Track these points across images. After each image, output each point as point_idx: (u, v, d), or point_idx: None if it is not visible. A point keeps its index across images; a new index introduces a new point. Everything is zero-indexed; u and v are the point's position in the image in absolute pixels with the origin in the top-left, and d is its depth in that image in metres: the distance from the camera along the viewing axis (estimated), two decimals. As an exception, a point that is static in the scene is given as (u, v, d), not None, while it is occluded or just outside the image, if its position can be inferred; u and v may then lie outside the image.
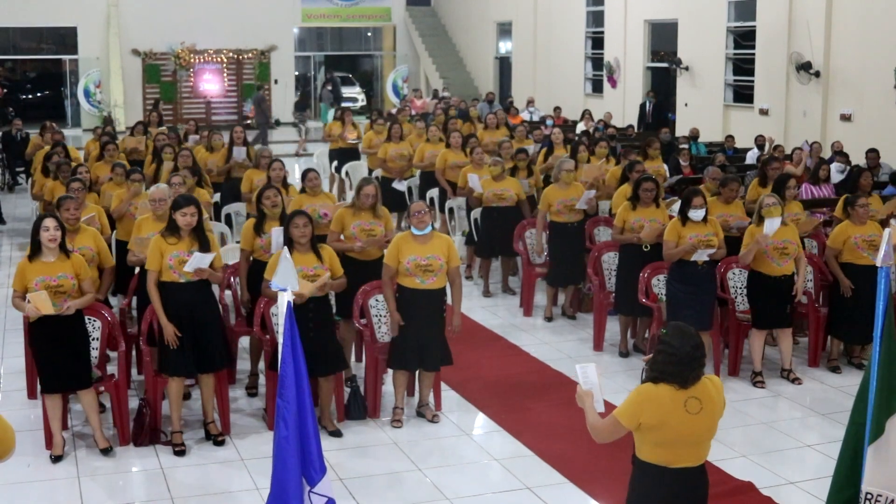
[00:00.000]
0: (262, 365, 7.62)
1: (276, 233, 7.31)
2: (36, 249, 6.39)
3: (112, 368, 7.08)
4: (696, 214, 7.75)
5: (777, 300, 7.94)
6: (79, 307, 6.44)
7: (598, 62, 24.03)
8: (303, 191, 8.74)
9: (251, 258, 7.58)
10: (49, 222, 6.37)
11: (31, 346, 6.58)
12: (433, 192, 12.58)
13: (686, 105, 20.88)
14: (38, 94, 28.82)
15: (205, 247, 6.61)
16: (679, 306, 7.71)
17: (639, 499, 4.31)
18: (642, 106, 21.26)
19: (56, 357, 6.40)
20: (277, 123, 26.66)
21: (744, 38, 19.43)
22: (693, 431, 4.17)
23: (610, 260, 9.05)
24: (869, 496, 4.63)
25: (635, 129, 19.71)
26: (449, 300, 7.22)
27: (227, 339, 7.10)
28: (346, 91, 30.15)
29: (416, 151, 13.04)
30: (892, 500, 4.59)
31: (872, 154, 13.19)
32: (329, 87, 26.83)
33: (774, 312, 7.96)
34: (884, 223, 8.41)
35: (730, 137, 16.95)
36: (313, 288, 6.59)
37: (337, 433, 6.94)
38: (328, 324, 6.95)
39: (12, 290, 6.46)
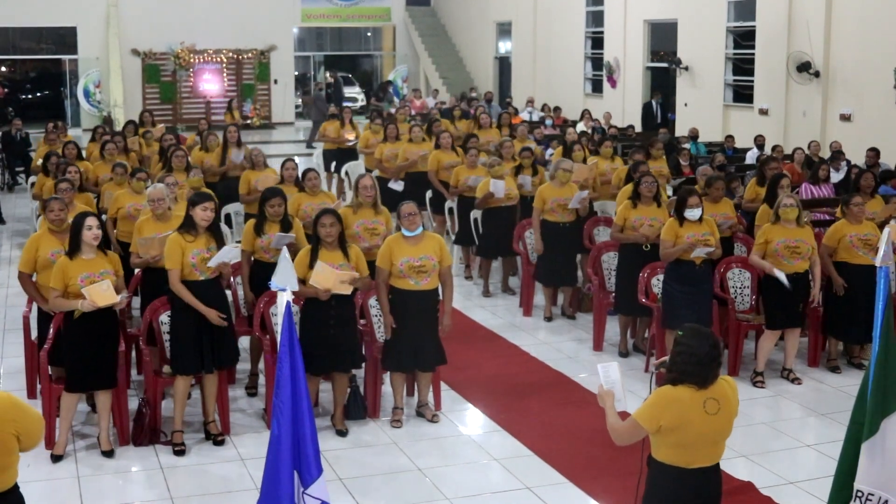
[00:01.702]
0: (262, 365, 7.63)
1: (277, 237, 7.34)
2: (75, 248, 6.40)
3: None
4: (693, 214, 7.75)
5: (791, 299, 7.93)
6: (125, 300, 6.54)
7: (597, 62, 24.02)
8: (301, 190, 8.76)
9: (252, 258, 7.60)
10: (92, 221, 6.41)
11: (67, 344, 6.50)
12: (430, 194, 12.54)
13: (686, 105, 20.87)
14: (38, 94, 28.78)
15: (221, 243, 6.70)
16: (676, 306, 7.72)
17: (657, 500, 4.32)
18: (647, 106, 21.20)
19: (92, 355, 6.42)
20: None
21: (743, 38, 19.42)
22: (711, 432, 4.20)
23: (610, 260, 9.05)
24: (860, 493, 4.64)
25: (639, 130, 19.69)
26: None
27: (236, 335, 7.12)
28: (346, 91, 30.15)
29: (400, 152, 12.98)
30: (886, 501, 4.59)
31: (871, 153, 13.19)
32: (390, 89, 26.60)
33: (788, 312, 7.95)
34: (882, 226, 8.41)
35: (729, 137, 16.96)
36: (336, 281, 6.57)
37: (343, 432, 6.96)
38: (351, 320, 6.97)
39: (50, 289, 6.44)
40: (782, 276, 7.73)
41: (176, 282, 6.56)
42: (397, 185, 12.99)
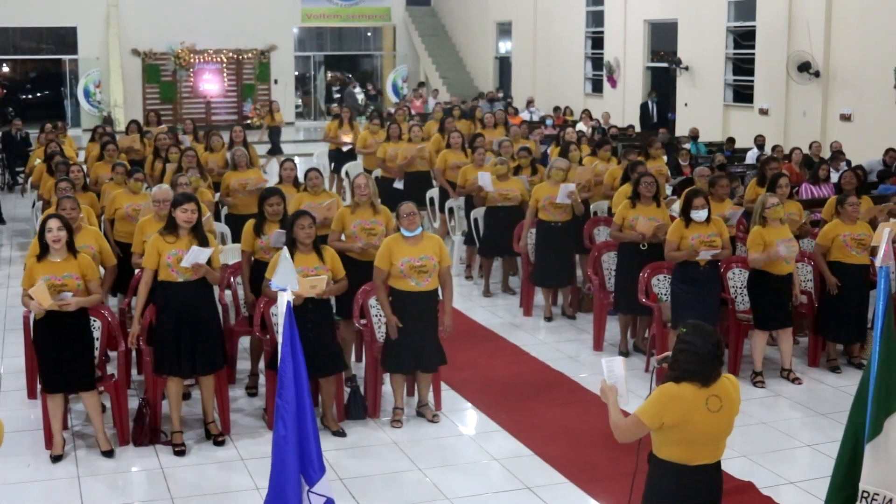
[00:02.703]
0: (262, 365, 7.62)
1: (276, 234, 7.31)
2: (44, 249, 6.38)
3: (112, 368, 7.08)
4: (698, 215, 7.74)
5: (780, 299, 7.94)
6: (82, 305, 6.41)
7: (598, 62, 24.03)
8: (304, 190, 8.73)
9: (252, 258, 7.59)
10: (52, 223, 6.36)
11: (34, 344, 6.59)
12: (433, 192, 12.56)
13: (686, 105, 20.88)
14: (38, 94, 28.79)
15: (204, 245, 6.60)
16: (683, 307, 7.71)
17: (657, 497, 4.32)
18: (644, 106, 21.22)
19: (58, 356, 6.39)
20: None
21: (744, 38, 19.43)
22: (713, 429, 4.21)
23: (610, 260, 9.05)
24: (866, 494, 4.64)
25: (637, 129, 19.71)
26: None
27: (224, 339, 7.09)
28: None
29: (399, 151, 12.98)
30: (891, 500, 4.59)
31: (893, 153, 13.26)
32: (425, 88, 26.30)
33: (777, 312, 7.96)
34: (871, 224, 8.42)
35: (730, 140, 17.00)
36: (306, 286, 6.51)
37: (340, 433, 6.94)
38: (328, 325, 6.93)
39: (22, 289, 6.46)
40: (789, 249, 7.72)
41: (143, 281, 6.59)
42: (400, 185, 13.01)
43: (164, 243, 6.56)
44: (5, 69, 29.33)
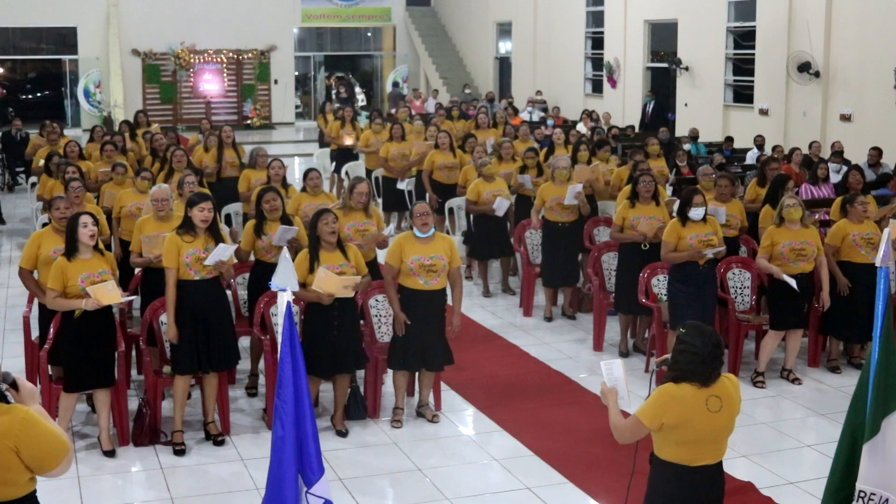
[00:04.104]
0: (262, 365, 7.62)
1: (281, 230, 7.31)
2: (72, 248, 6.37)
3: (112, 368, 7.07)
4: (696, 213, 7.74)
5: (796, 300, 7.90)
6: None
7: (598, 62, 24.02)
8: (303, 190, 8.75)
9: (252, 259, 7.60)
10: (87, 219, 6.37)
11: (64, 344, 6.49)
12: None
13: (686, 105, 20.88)
14: (38, 94, 28.79)
15: (218, 243, 6.64)
16: (681, 306, 7.71)
17: (659, 498, 4.31)
18: (643, 106, 21.23)
19: (88, 355, 6.41)
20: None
21: (744, 38, 19.43)
22: (714, 429, 4.20)
23: (610, 260, 9.05)
24: (862, 494, 4.64)
25: (636, 130, 19.71)
26: (449, 300, 7.22)
27: (236, 337, 7.11)
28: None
29: (414, 150, 13.00)
30: (887, 500, 4.59)
31: (874, 151, 13.20)
32: (468, 91, 26.19)
33: (793, 313, 7.93)
34: (878, 225, 8.41)
35: (728, 140, 16.99)
36: (339, 286, 6.55)
37: (342, 432, 6.95)
38: (354, 323, 6.95)
39: (49, 290, 6.38)
40: (791, 281, 7.70)
41: (170, 282, 6.53)
42: (404, 185, 13.01)
43: (182, 242, 6.56)
44: (5, 69, 29.31)
